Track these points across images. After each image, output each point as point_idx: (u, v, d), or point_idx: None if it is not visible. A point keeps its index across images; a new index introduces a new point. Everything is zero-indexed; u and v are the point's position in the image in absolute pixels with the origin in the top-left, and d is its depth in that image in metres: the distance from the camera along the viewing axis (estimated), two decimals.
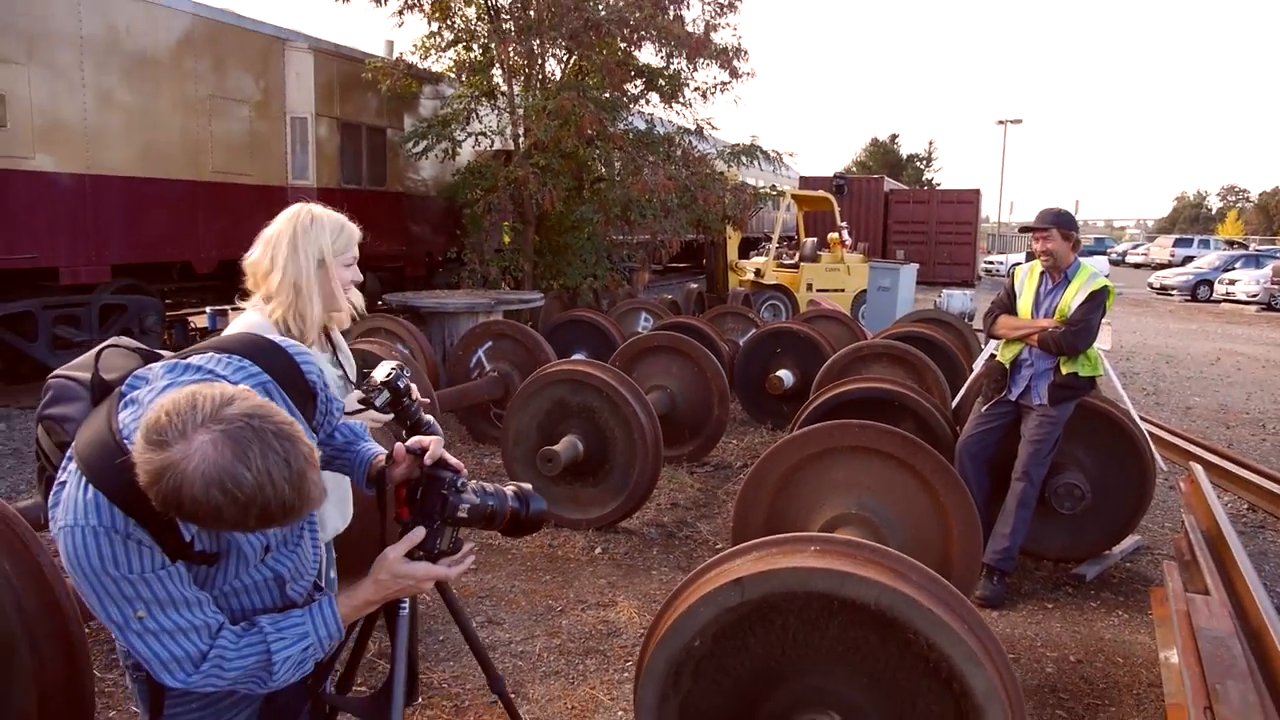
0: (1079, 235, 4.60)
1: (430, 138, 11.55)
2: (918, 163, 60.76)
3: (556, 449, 4.98)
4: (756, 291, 15.46)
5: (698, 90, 12.64)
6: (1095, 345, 4.50)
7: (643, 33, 11.55)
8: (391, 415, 2.27)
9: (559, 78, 11.76)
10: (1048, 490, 4.56)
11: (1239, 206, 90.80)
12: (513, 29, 11.08)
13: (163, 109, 9.16)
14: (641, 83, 12.46)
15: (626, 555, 4.90)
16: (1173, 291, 27.58)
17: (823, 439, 3.60)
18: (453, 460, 1.70)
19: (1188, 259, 34.23)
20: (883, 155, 59.01)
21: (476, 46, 11.79)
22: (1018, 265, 4.86)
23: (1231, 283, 25.27)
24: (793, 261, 16.33)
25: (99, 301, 8.84)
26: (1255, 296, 24.08)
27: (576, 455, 5.10)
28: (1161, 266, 35.18)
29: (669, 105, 12.60)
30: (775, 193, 15.77)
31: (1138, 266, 43.17)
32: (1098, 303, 4.39)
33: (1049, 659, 3.84)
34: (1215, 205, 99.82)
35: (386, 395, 2.24)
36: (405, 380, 2.18)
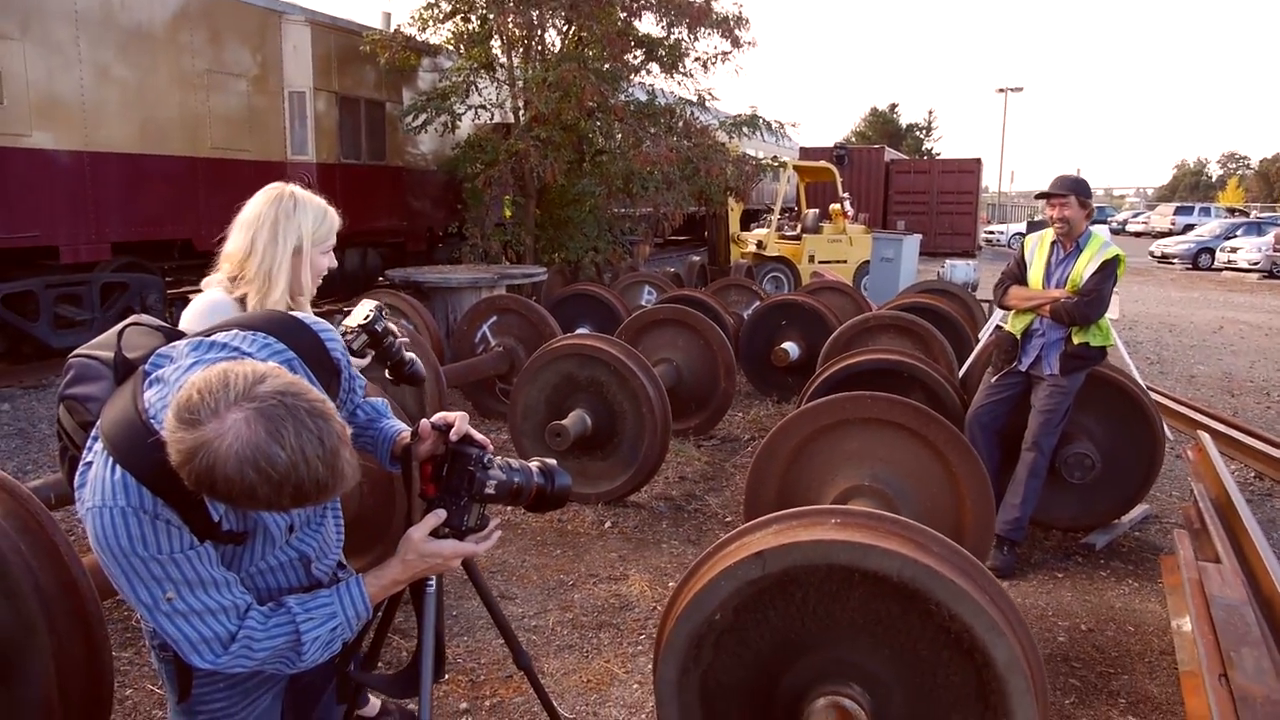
0: (1093, 204, 4.57)
1: (429, 111, 11.44)
2: (918, 132, 60.36)
3: (565, 423, 4.97)
4: (759, 263, 15.40)
5: (699, 60, 12.52)
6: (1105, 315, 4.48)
7: (643, 2, 11.42)
8: (371, 356, 2.27)
9: (559, 49, 11.63)
10: (1058, 460, 4.56)
11: (1240, 174, 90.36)
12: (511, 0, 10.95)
13: (160, 84, 9.06)
14: (642, 53, 12.32)
15: (636, 529, 4.91)
16: (1174, 260, 27.48)
17: (835, 411, 3.59)
18: (479, 436, 1.69)
19: (1189, 227, 34.10)
20: (882, 125, 58.62)
21: (475, 18, 11.65)
22: (1021, 235, 4.83)
23: (1233, 250, 25.14)
24: (795, 233, 16.26)
25: (100, 280, 8.80)
26: (1257, 264, 23.97)
27: (585, 430, 5.09)
28: (1162, 235, 35.04)
29: (670, 76, 12.47)
30: (777, 164, 15.67)
31: (1138, 235, 43.01)
32: (1110, 272, 4.36)
33: (1060, 628, 3.85)
34: (1216, 173, 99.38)
35: (364, 338, 2.25)
36: (384, 323, 2.18)
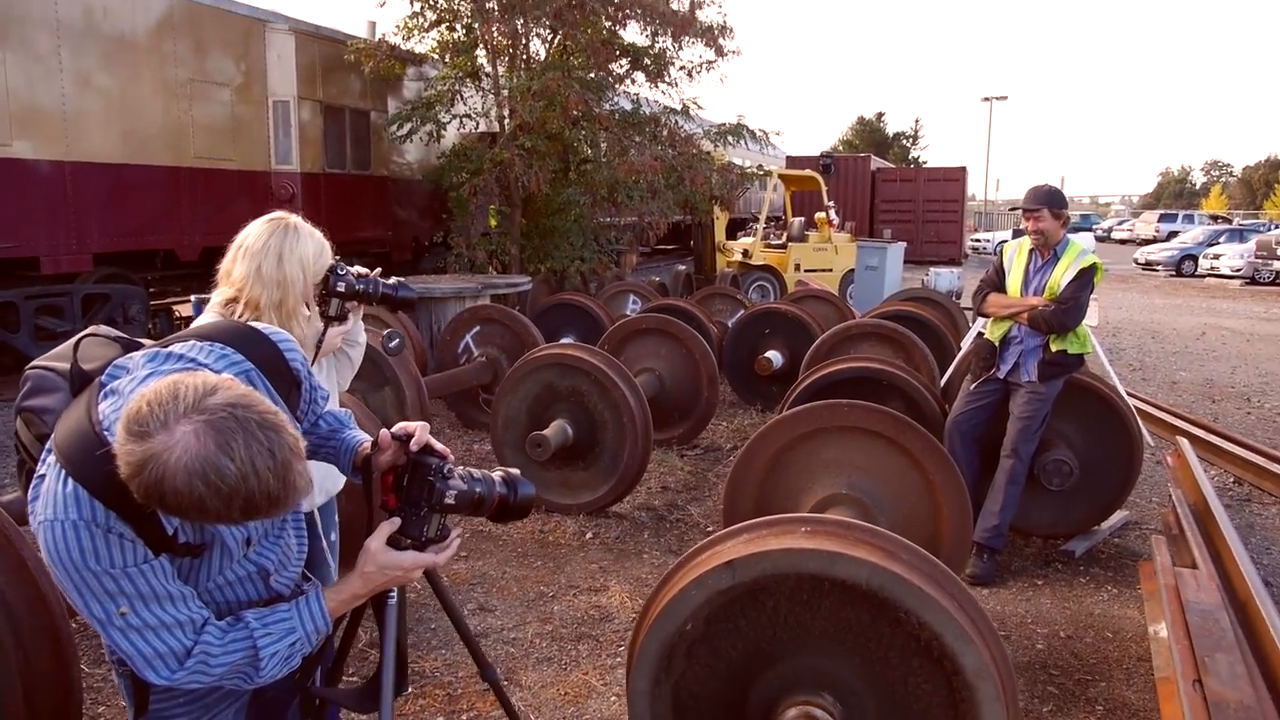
0: (1069, 213, 4.60)
1: (414, 120, 11.45)
2: (904, 141, 60.64)
3: (546, 434, 4.96)
4: (744, 272, 15.42)
5: (683, 69, 12.58)
6: (1083, 322, 4.50)
7: (628, 11, 11.45)
8: (356, 309, 2.34)
9: (544, 58, 11.66)
10: (1036, 467, 4.57)
11: (1223, 181, 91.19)
12: (496, 8, 10.95)
13: (143, 93, 9.03)
14: (627, 62, 12.36)
15: (618, 540, 4.90)
16: (1158, 267, 27.67)
17: (812, 419, 3.59)
18: (439, 446, 1.68)
19: (1172, 234, 34.35)
20: (869, 134, 58.86)
21: (460, 27, 11.67)
22: (1005, 243, 4.85)
23: (1216, 257, 25.34)
24: (780, 242, 16.29)
25: (81, 291, 8.75)
26: (1239, 271, 24.17)
27: (566, 440, 5.08)
28: (1147, 242, 35.27)
29: (655, 85, 12.52)
30: (762, 172, 15.70)
31: (1123, 242, 43.26)
32: (1087, 280, 4.40)
33: (1039, 635, 3.86)
34: (1199, 180, 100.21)
35: (336, 303, 2.31)
36: (343, 279, 2.26)
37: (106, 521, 1.33)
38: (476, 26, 11.18)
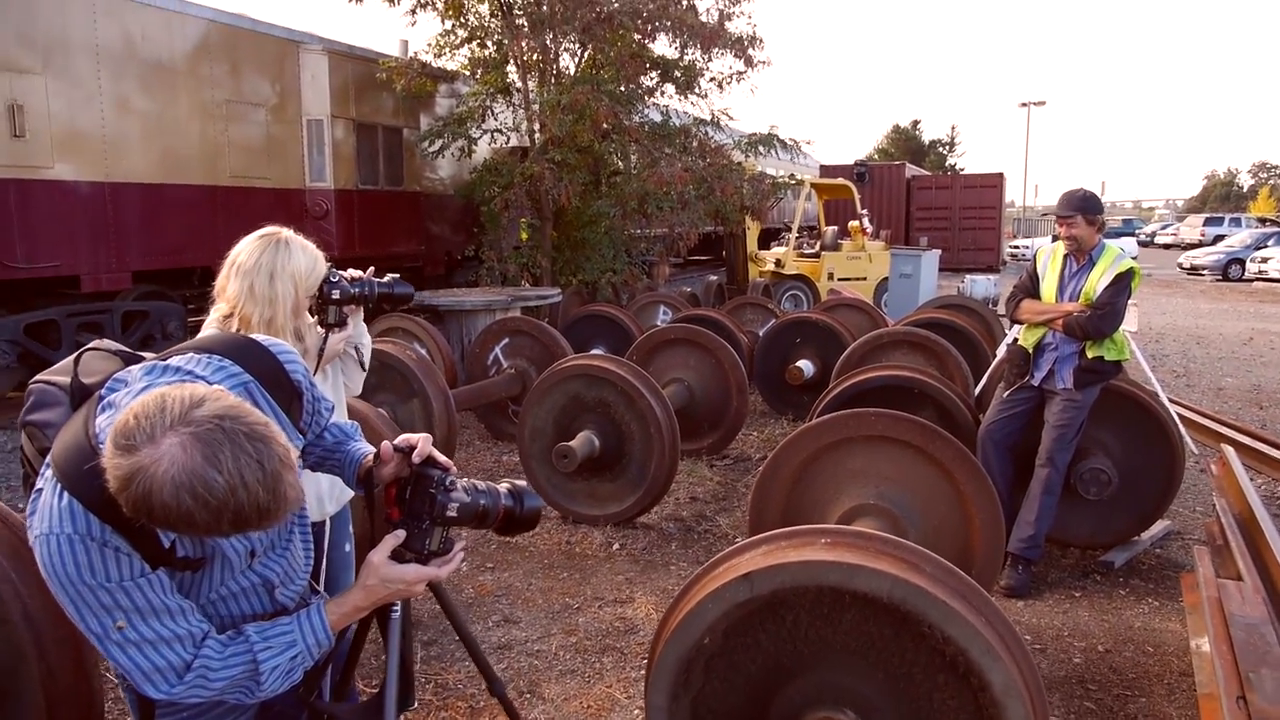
0: (1104, 218, 4.49)
1: (446, 136, 11.53)
2: (940, 148, 60.11)
3: (572, 445, 4.94)
4: (777, 282, 15.34)
5: (713, 80, 12.53)
6: (1121, 328, 4.39)
7: (656, 24, 11.45)
8: (355, 313, 2.33)
9: (573, 72, 11.71)
10: (1073, 476, 4.46)
11: (1271, 183, 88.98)
12: (526, 24, 11.03)
13: (180, 115, 9.20)
14: (656, 74, 12.36)
15: (645, 551, 4.86)
16: (1203, 271, 27.05)
17: (839, 428, 3.53)
18: (441, 458, 1.66)
19: (1218, 238, 33.59)
20: (905, 142, 58.43)
21: (490, 43, 11.75)
22: (1040, 249, 4.75)
23: (1264, 261, 24.73)
24: (813, 251, 16.19)
25: (121, 308, 8.90)
26: None
27: (593, 451, 5.05)
28: (1191, 246, 34.52)
29: (684, 96, 12.50)
30: (794, 182, 15.61)
31: (1167, 247, 42.42)
32: (1124, 285, 4.28)
33: (1077, 649, 3.75)
34: (1246, 183, 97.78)
35: (334, 310, 2.31)
36: (337, 286, 2.25)
37: (102, 535, 1.32)
38: (506, 42, 11.25)
